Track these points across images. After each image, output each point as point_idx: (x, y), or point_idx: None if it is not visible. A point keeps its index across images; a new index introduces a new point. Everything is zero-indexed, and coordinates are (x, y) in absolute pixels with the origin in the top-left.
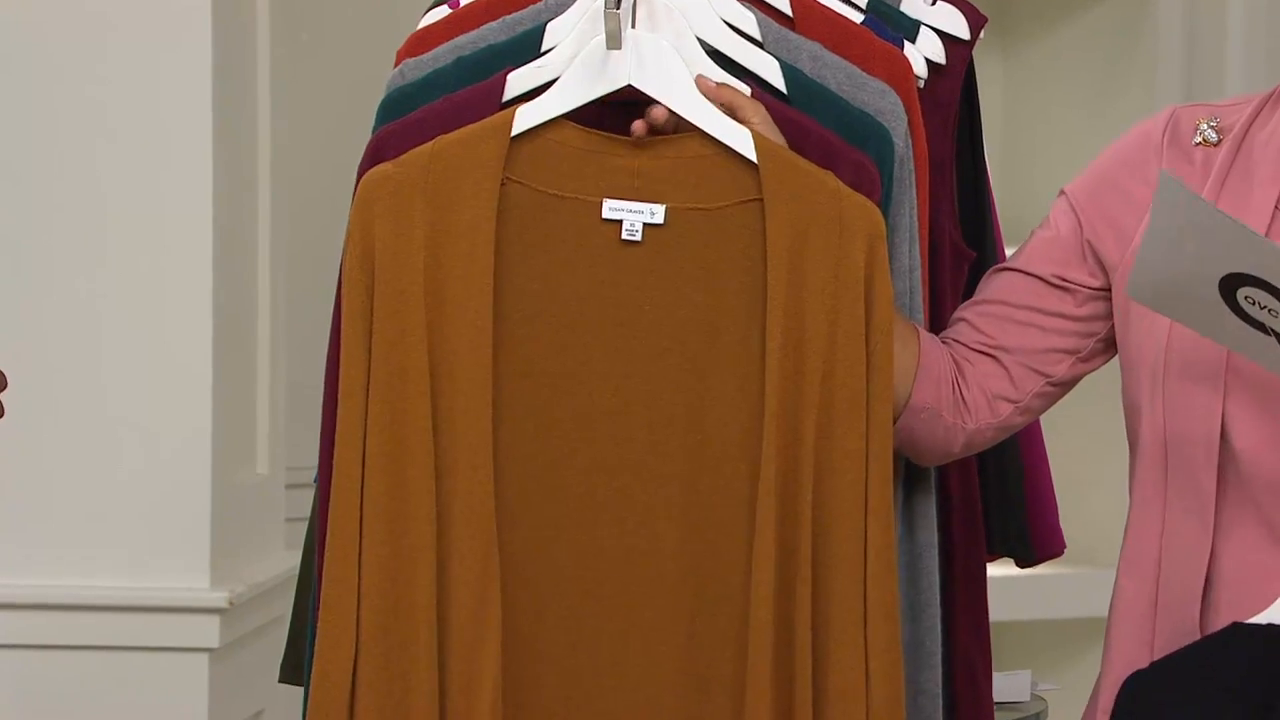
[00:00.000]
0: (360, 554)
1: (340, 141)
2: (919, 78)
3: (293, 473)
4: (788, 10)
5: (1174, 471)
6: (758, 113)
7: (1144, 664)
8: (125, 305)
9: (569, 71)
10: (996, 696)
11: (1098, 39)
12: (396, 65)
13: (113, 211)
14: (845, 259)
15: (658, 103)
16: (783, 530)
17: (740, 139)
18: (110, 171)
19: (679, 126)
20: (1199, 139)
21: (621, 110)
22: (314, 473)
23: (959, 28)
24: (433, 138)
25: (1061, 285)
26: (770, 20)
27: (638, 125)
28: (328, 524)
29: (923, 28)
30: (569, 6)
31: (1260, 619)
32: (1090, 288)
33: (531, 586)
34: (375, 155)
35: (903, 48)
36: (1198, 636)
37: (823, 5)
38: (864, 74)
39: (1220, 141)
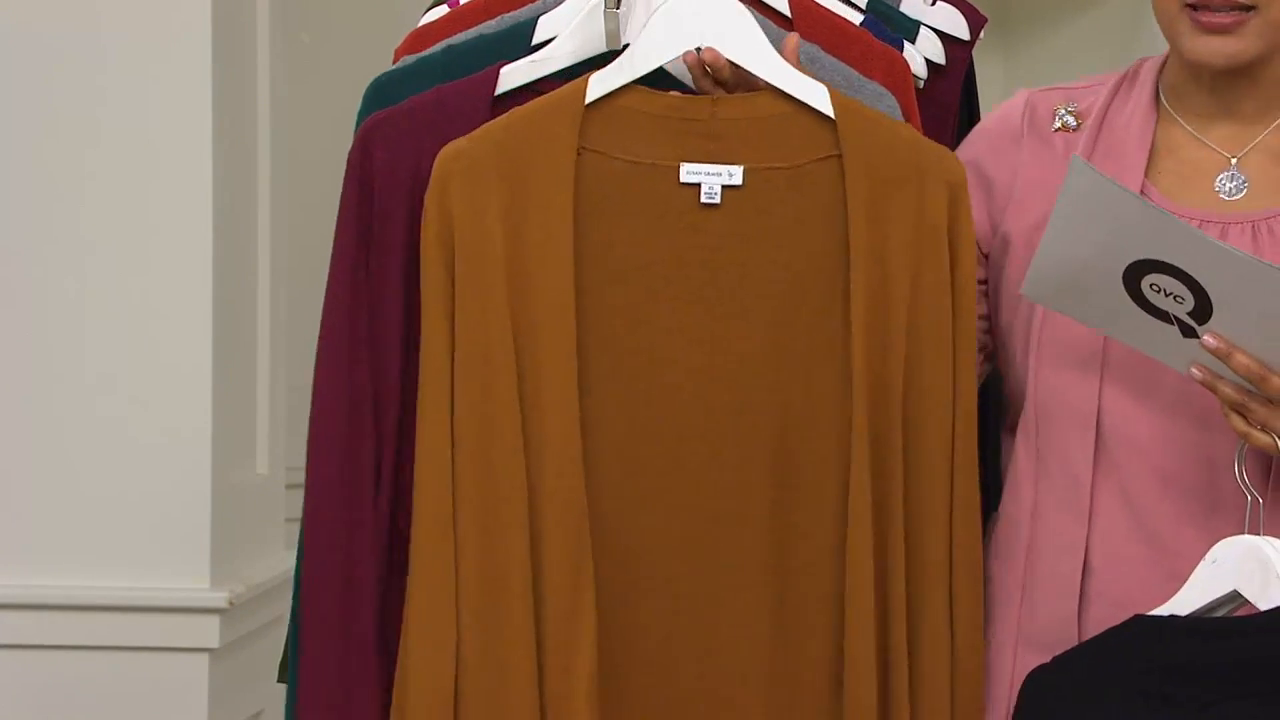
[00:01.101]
0: (455, 536)
1: (340, 142)
2: (919, 78)
3: (293, 473)
4: (786, 11)
5: (1045, 458)
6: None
7: (1008, 657)
8: (126, 306)
9: (641, 36)
10: None
11: (1097, 39)
12: (394, 63)
13: (112, 211)
14: (926, 209)
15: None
16: (876, 485)
17: (817, 95)
18: (111, 172)
19: (744, 82)
20: (1058, 124)
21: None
22: None
23: (959, 28)
24: (420, 126)
25: None
26: (769, 21)
27: (690, 56)
28: (414, 508)
29: (922, 28)
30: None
31: (1161, 610)
32: (982, 281)
33: (624, 556)
34: (365, 142)
35: (902, 48)
36: (1074, 625)
37: (822, 6)
38: (861, 76)
39: (1080, 126)
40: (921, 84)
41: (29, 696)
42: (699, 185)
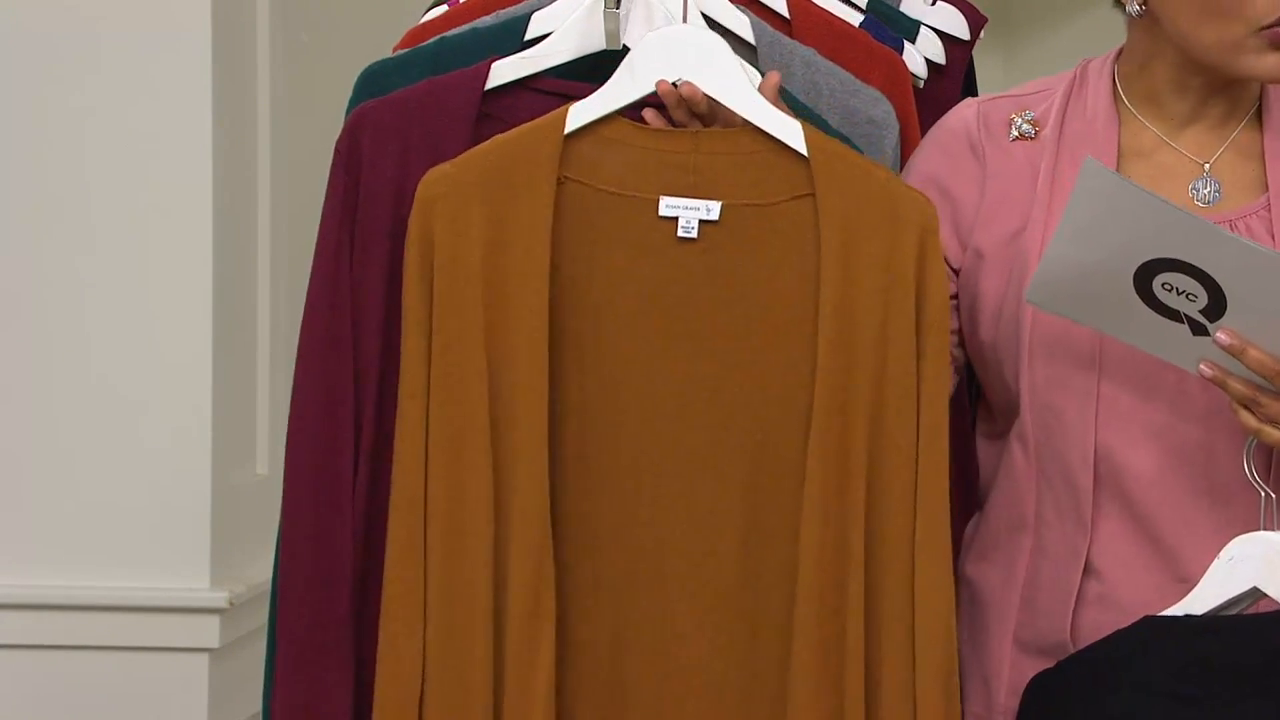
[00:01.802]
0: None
1: None
2: (919, 78)
3: None
4: (785, 12)
5: (1043, 464)
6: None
7: (1005, 664)
8: (125, 306)
9: (621, 67)
10: None
11: (1098, 39)
12: None
13: (112, 211)
14: (897, 252)
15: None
16: (829, 528)
17: (791, 133)
18: (110, 172)
19: (719, 116)
20: (1015, 133)
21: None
22: None
23: (959, 28)
24: (410, 118)
25: None
26: (765, 24)
27: (664, 85)
28: (390, 523)
29: (923, 28)
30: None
31: (1175, 610)
32: (953, 296)
33: (593, 584)
34: (353, 131)
35: (902, 48)
36: (1067, 632)
37: (820, 8)
38: (857, 80)
39: (1038, 134)
40: (922, 84)
41: (29, 696)
42: (676, 219)
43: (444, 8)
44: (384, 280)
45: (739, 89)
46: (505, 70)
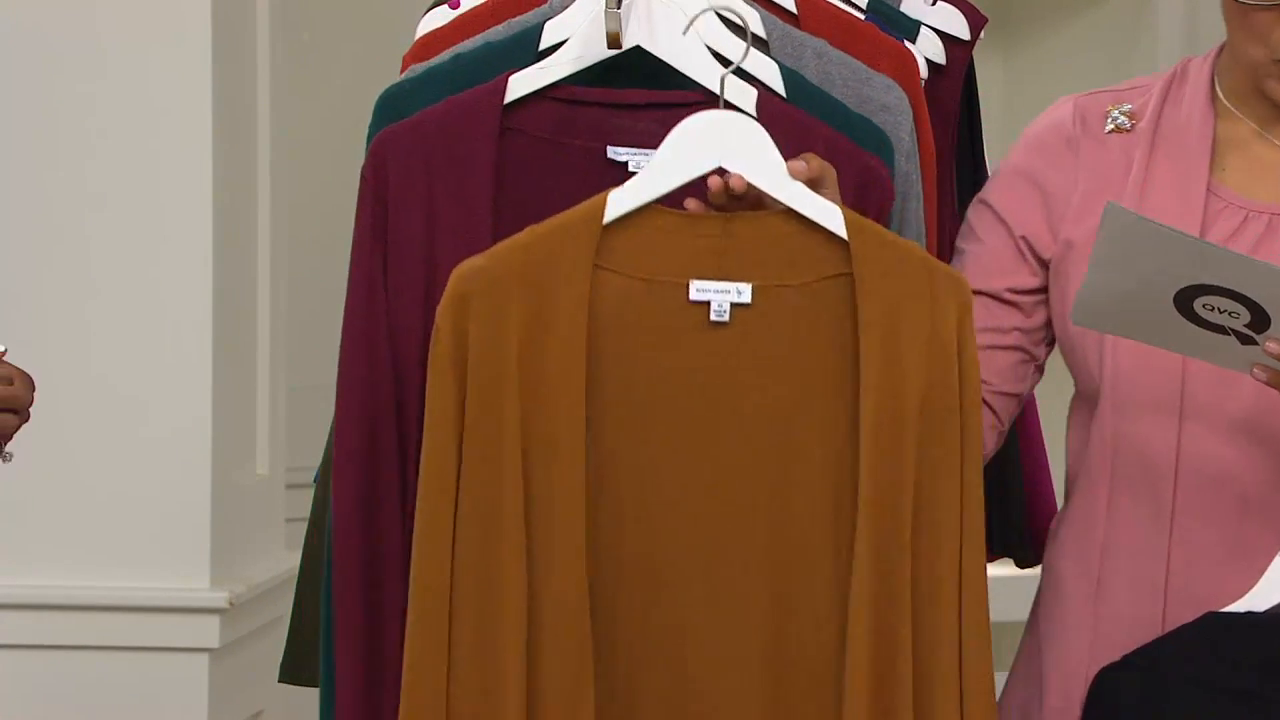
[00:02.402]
0: (450, 647)
1: (340, 141)
2: (920, 78)
3: (293, 473)
4: (792, 7)
5: (1123, 460)
6: (831, 178)
7: (1083, 657)
8: (125, 306)
9: (658, 154)
10: (997, 696)
11: (1097, 39)
12: (403, 71)
13: (113, 211)
14: (937, 333)
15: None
16: (879, 610)
17: (831, 216)
18: (111, 172)
19: (753, 195)
20: (1111, 126)
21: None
22: (314, 472)
23: (959, 28)
24: (432, 139)
25: (1011, 301)
26: (775, 17)
27: (715, 182)
28: (410, 621)
29: (923, 28)
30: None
31: (1236, 607)
32: (1035, 290)
33: (626, 676)
34: (377, 158)
35: None
36: (1144, 627)
37: (826, 1)
38: (868, 69)
39: (1134, 127)
40: (922, 84)
41: (29, 696)
42: (708, 303)
43: (444, 8)
44: (421, 305)
45: (776, 172)
46: (522, 83)
